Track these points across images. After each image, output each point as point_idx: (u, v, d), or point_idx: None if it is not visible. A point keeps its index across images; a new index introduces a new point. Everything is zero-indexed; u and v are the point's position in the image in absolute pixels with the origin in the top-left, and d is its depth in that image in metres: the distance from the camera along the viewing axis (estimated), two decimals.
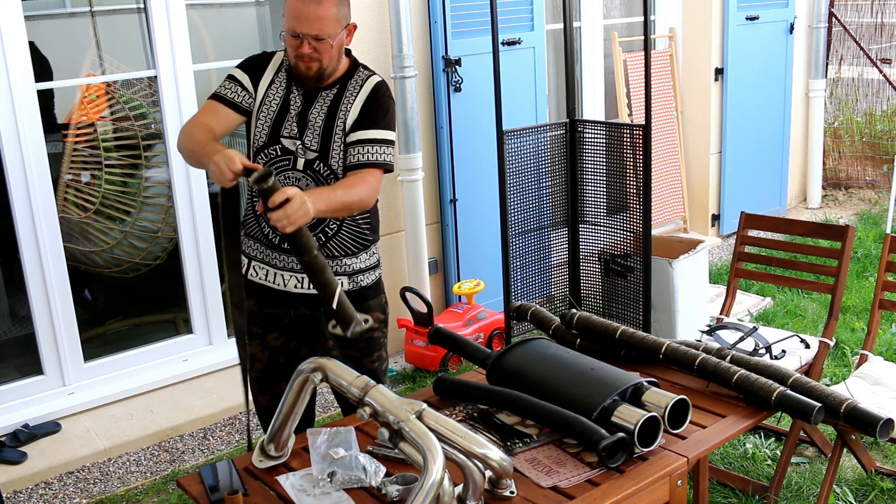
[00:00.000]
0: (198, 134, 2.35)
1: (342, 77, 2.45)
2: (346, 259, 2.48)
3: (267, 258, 2.51)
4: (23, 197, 3.52)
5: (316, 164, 2.41)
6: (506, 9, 4.29)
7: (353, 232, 2.49)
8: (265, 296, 2.53)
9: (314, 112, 2.42)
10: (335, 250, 2.47)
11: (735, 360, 2.30)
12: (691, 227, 5.98)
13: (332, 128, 2.40)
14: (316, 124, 2.41)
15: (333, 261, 2.47)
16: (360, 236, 2.50)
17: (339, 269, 2.48)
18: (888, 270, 3.08)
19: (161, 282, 4.28)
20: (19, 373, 3.75)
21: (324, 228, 2.45)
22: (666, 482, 1.93)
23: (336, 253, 2.47)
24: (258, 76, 2.47)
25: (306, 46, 2.32)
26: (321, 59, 2.35)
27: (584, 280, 4.15)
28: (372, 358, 2.58)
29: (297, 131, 2.42)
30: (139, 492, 3.28)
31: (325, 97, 2.43)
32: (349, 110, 2.41)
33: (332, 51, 2.35)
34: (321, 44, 2.32)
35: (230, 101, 2.44)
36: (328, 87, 2.44)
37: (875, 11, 6.80)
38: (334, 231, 2.46)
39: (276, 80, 2.46)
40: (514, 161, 3.79)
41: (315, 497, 1.88)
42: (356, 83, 2.44)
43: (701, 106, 5.77)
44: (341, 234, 2.47)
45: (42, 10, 4.03)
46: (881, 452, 3.23)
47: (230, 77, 2.47)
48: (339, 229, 2.46)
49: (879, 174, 6.79)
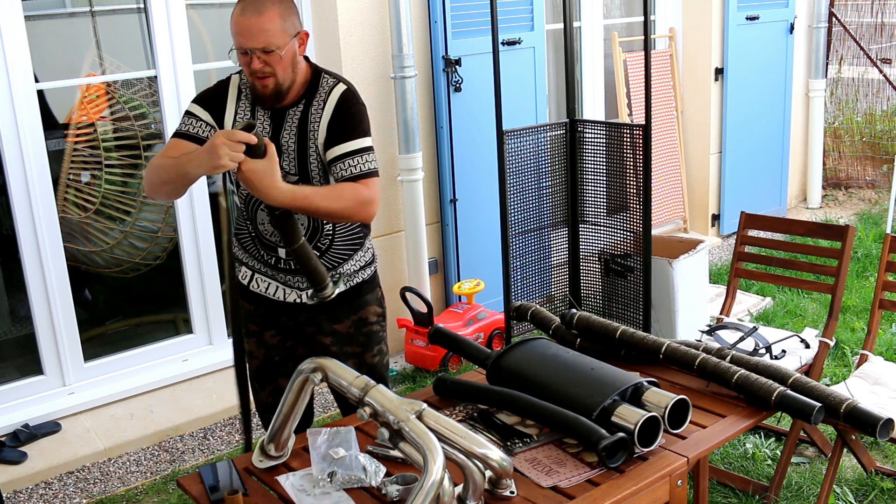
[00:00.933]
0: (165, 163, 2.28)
1: (306, 90, 2.37)
2: (342, 266, 2.47)
3: (267, 275, 2.51)
4: (23, 197, 3.53)
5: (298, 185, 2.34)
6: (506, 9, 4.29)
7: (346, 238, 2.47)
8: (264, 302, 2.53)
9: (285, 135, 2.35)
10: (331, 261, 2.45)
11: (735, 360, 2.30)
12: (691, 227, 5.98)
13: (305, 149, 2.34)
14: (290, 149, 2.34)
15: (330, 272, 2.44)
16: (352, 241, 2.49)
17: (336, 276, 2.47)
18: (888, 270, 3.08)
19: (161, 282, 4.28)
20: (19, 373, 3.75)
21: (316, 243, 2.41)
22: (666, 482, 1.93)
23: (333, 264, 2.46)
24: (220, 110, 2.38)
25: (256, 62, 2.24)
26: (275, 73, 2.27)
27: (584, 280, 4.15)
28: (372, 352, 2.58)
29: None
30: (139, 492, 3.28)
31: (293, 116, 2.36)
32: (317, 129, 2.34)
33: (284, 62, 2.27)
34: (270, 56, 2.24)
35: (194, 136, 2.33)
36: (293, 105, 2.36)
37: (875, 11, 6.80)
38: (327, 246, 2.43)
39: (240, 108, 2.38)
40: (514, 161, 3.79)
41: (315, 497, 1.88)
42: (321, 96, 2.36)
43: (701, 106, 5.77)
44: (335, 246, 2.45)
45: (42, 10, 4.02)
46: (881, 452, 3.23)
47: (189, 113, 2.37)
48: (331, 243, 2.43)
49: (879, 174, 6.79)
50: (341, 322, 2.51)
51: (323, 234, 2.42)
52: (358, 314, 2.53)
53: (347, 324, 2.52)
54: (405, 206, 4.18)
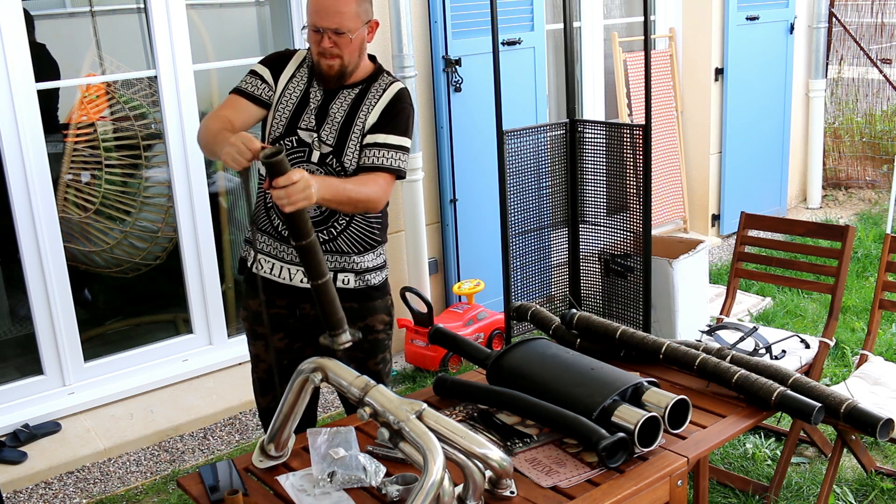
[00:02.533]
0: (213, 124, 2.38)
1: (366, 80, 2.47)
2: (354, 256, 2.49)
3: (274, 251, 2.51)
4: (23, 197, 3.52)
5: (329, 158, 2.42)
6: (506, 9, 4.29)
7: (363, 230, 2.49)
8: (270, 292, 2.52)
9: (334, 107, 2.44)
10: (344, 246, 2.47)
11: (735, 360, 2.30)
12: (691, 227, 5.98)
13: (350, 125, 2.42)
14: (335, 119, 2.42)
15: (342, 257, 2.47)
16: (369, 235, 2.51)
17: (347, 265, 2.48)
18: (888, 270, 3.08)
19: (161, 282, 4.28)
20: (19, 373, 3.75)
21: (333, 223, 2.45)
22: (666, 482, 1.93)
23: (345, 249, 2.47)
24: (279, 70, 2.49)
25: (326, 41, 2.34)
26: (342, 55, 2.37)
27: (584, 280, 4.15)
28: (376, 360, 2.58)
29: (314, 124, 2.43)
30: (139, 492, 3.28)
31: (347, 95, 2.45)
32: (370, 111, 2.42)
33: (353, 46, 2.37)
34: (341, 38, 2.34)
35: (250, 94, 2.46)
36: (351, 87, 2.45)
37: (875, 11, 6.80)
38: (343, 226, 2.46)
39: (298, 74, 2.49)
40: (514, 161, 3.79)
41: (315, 497, 1.88)
42: (379, 87, 2.46)
43: (701, 106, 5.77)
44: (350, 231, 2.47)
45: (42, 10, 4.03)
46: (881, 452, 3.23)
47: (251, 72, 2.50)
48: (348, 225, 2.46)
49: (879, 174, 6.79)
50: None
51: (341, 215, 2.45)
52: (365, 321, 2.54)
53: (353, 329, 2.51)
54: (405, 206, 4.18)
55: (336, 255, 2.47)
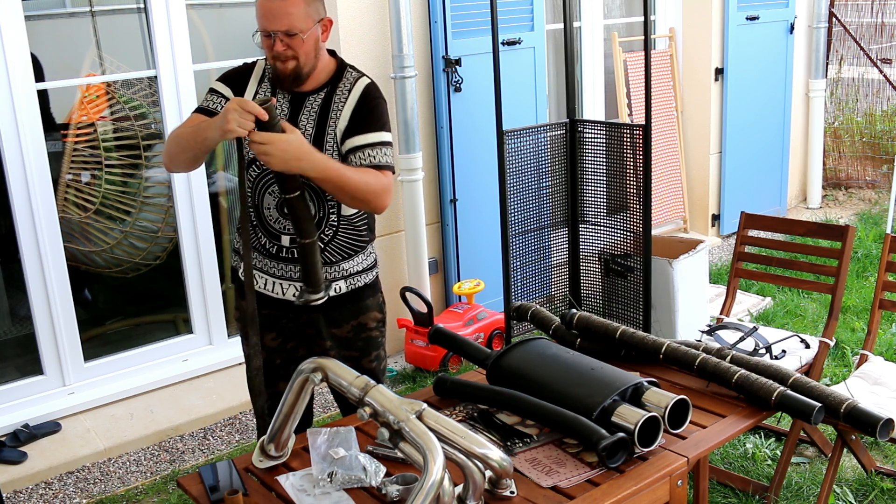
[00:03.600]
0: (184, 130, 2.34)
1: (329, 80, 2.41)
2: (343, 263, 2.47)
3: (265, 267, 2.49)
4: (23, 197, 3.52)
5: None
6: (506, 9, 4.29)
7: (350, 236, 2.47)
8: (263, 301, 2.52)
9: (303, 119, 2.38)
10: (333, 255, 2.45)
11: (735, 360, 2.30)
12: (691, 227, 5.98)
13: (323, 134, 2.36)
14: (307, 133, 2.36)
15: (331, 267, 2.44)
16: (357, 238, 2.48)
17: (337, 274, 2.46)
18: (888, 270, 3.08)
19: (161, 282, 4.28)
20: (19, 373, 3.75)
21: (320, 235, 2.41)
22: (666, 482, 1.93)
23: (334, 259, 2.45)
24: (241, 87, 2.42)
25: (279, 44, 2.28)
26: (297, 56, 2.31)
27: (584, 280, 4.15)
28: (370, 357, 2.58)
29: None
30: (139, 492, 3.28)
31: (313, 102, 2.39)
32: (339, 116, 2.37)
33: (307, 46, 2.31)
34: (293, 39, 2.28)
35: (213, 111, 2.38)
36: (315, 92, 2.39)
37: (875, 11, 6.80)
38: (331, 236, 2.43)
39: (261, 89, 2.42)
40: (514, 161, 3.79)
41: (315, 497, 1.88)
42: (344, 87, 2.40)
43: (701, 106, 5.77)
44: (338, 239, 2.44)
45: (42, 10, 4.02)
46: (881, 452, 3.23)
47: (212, 90, 2.43)
48: (335, 234, 2.43)
49: (879, 174, 6.79)
50: (340, 326, 2.51)
51: (328, 224, 2.42)
52: (358, 319, 2.53)
53: (347, 328, 2.52)
54: (405, 206, 4.18)
55: (326, 266, 2.44)
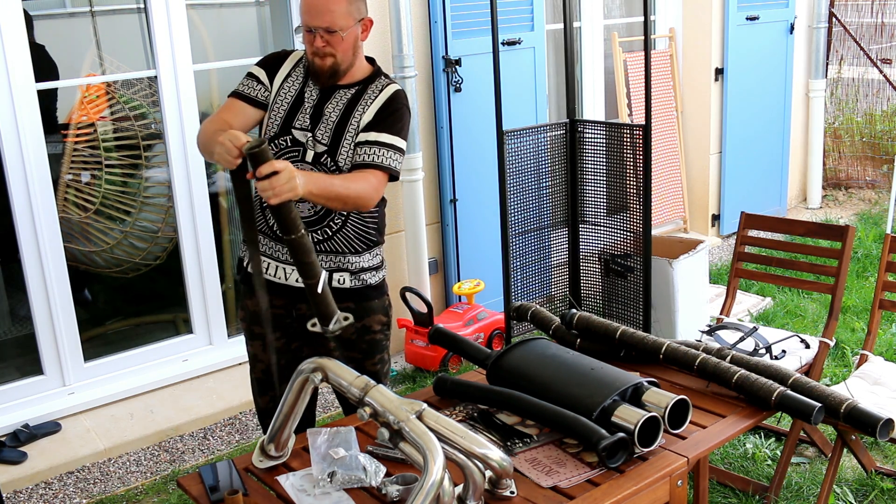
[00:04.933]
0: (210, 127, 2.40)
1: (363, 81, 2.47)
2: (350, 256, 2.48)
3: (270, 250, 2.51)
4: (23, 197, 3.52)
5: (324, 157, 2.42)
6: (506, 9, 4.29)
7: (358, 229, 2.49)
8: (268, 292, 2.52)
9: (329, 106, 2.44)
10: (339, 246, 2.47)
11: (735, 360, 2.30)
12: (691, 227, 5.98)
13: (345, 125, 2.42)
14: (330, 119, 2.42)
15: (338, 256, 2.47)
16: (365, 235, 2.50)
17: (343, 265, 2.48)
18: (888, 270, 3.08)
19: (161, 282, 4.28)
20: (19, 373, 3.75)
21: (329, 223, 2.44)
22: (666, 482, 1.93)
23: (340, 249, 2.47)
24: (275, 71, 2.51)
25: (319, 40, 2.36)
26: (335, 53, 2.38)
27: (584, 280, 4.15)
28: (374, 360, 2.58)
29: (309, 124, 2.43)
30: (139, 492, 3.28)
31: (343, 95, 2.45)
32: (365, 111, 2.43)
33: (346, 44, 2.38)
34: (333, 37, 2.35)
35: (246, 95, 2.48)
36: (347, 87, 2.46)
37: (875, 11, 6.80)
38: (339, 226, 2.46)
39: (293, 74, 2.50)
40: (514, 161, 3.79)
41: (315, 497, 1.88)
42: (376, 88, 2.46)
43: (701, 106, 5.77)
44: (346, 230, 2.47)
45: (42, 10, 4.03)
46: (881, 452, 3.23)
47: (248, 74, 2.52)
48: (343, 224, 2.46)
49: (879, 174, 6.79)
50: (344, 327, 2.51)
51: (336, 215, 2.45)
52: (362, 321, 2.53)
53: (350, 329, 2.52)
54: (405, 206, 4.18)
55: (332, 254, 2.47)
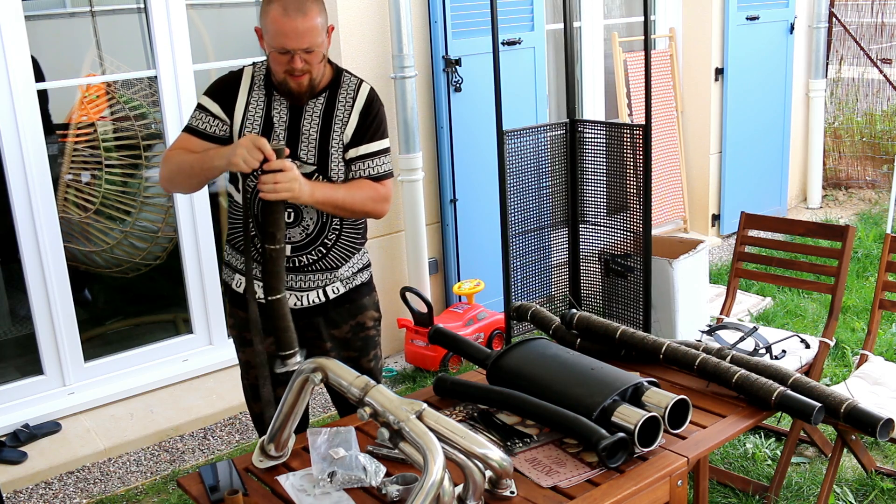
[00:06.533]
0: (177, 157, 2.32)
1: (329, 85, 2.38)
2: (341, 269, 2.48)
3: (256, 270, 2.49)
4: (23, 197, 3.53)
5: (315, 177, 2.36)
6: (506, 9, 4.29)
7: (350, 240, 2.48)
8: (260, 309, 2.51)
9: (305, 125, 2.35)
10: (333, 262, 2.45)
11: (735, 360, 2.30)
12: (691, 227, 5.98)
13: (327, 139, 2.35)
14: (311, 137, 2.35)
15: (332, 273, 2.45)
16: (354, 243, 2.50)
17: (336, 278, 2.46)
18: (888, 270, 3.08)
19: (161, 282, 4.28)
20: (19, 373, 3.75)
21: (323, 240, 2.42)
22: (666, 482, 1.93)
23: (334, 265, 2.45)
24: (231, 100, 2.37)
25: (298, 61, 2.24)
26: (311, 71, 2.28)
27: (584, 280, 4.15)
28: (369, 357, 2.59)
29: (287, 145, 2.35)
30: (139, 492, 3.28)
31: (314, 107, 2.36)
32: (346, 122, 2.36)
33: (321, 56, 2.30)
34: (312, 55, 2.26)
35: (202, 132, 2.36)
36: (315, 97, 2.37)
37: (875, 11, 6.80)
38: (333, 242, 2.44)
39: (253, 96, 2.37)
40: (514, 161, 3.79)
41: (315, 497, 1.88)
42: (347, 91, 2.38)
43: (701, 106, 5.77)
44: (340, 244, 2.45)
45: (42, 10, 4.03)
46: (881, 452, 3.23)
47: (199, 107, 2.38)
48: (337, 240, 2.44)
49: (879, 174, 6.79)
50: (339, 327, 2.52)
51: (330, 230, 2.43)
52: (356, 319, 2.53)
53: (346, 329, 2.52)
54: (405, 206, 4.18)
55: (326, 272, 2.44)
